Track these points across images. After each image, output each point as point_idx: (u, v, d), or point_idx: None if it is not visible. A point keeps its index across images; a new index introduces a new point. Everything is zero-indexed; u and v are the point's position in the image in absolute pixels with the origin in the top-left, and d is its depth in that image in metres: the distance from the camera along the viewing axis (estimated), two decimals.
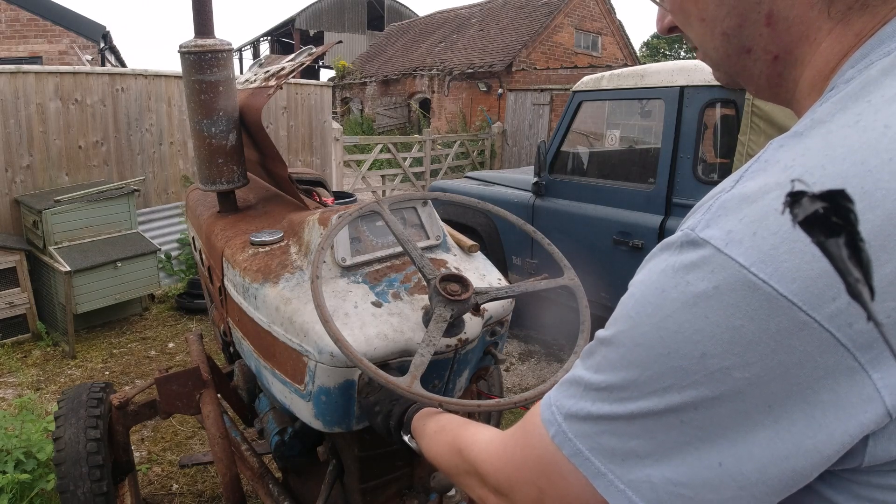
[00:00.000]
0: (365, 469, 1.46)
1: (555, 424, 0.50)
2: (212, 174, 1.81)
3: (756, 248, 0.39)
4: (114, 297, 3.99)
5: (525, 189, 4.03)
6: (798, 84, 0.56)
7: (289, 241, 1.51)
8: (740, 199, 0.42)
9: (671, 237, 0.47)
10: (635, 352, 0.45)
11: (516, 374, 3.75)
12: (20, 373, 3.46)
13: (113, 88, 4.67)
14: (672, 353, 0.42)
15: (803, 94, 0.55)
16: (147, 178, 4.97)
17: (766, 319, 0.38)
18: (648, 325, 0.44)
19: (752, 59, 0.58)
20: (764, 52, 0.56)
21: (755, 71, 0.59)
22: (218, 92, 1.72)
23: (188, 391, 1.77)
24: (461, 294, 1.10)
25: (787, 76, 0.57)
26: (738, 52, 0.58)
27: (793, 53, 0.54)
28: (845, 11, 0.48)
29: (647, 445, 0.44)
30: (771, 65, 0.57)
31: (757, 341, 0.39)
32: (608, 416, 0.46)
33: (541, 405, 0.53)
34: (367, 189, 9.14)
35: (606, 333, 0.49)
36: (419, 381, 0.98)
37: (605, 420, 0.46)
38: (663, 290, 0.44)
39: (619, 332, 0.47)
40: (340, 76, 20.08)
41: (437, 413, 0.95)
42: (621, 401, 0.45)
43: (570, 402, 0.49)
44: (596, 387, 0.47)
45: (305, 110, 6.20)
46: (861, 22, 0.48)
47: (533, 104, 11.81)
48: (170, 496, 2.43)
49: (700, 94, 3.07)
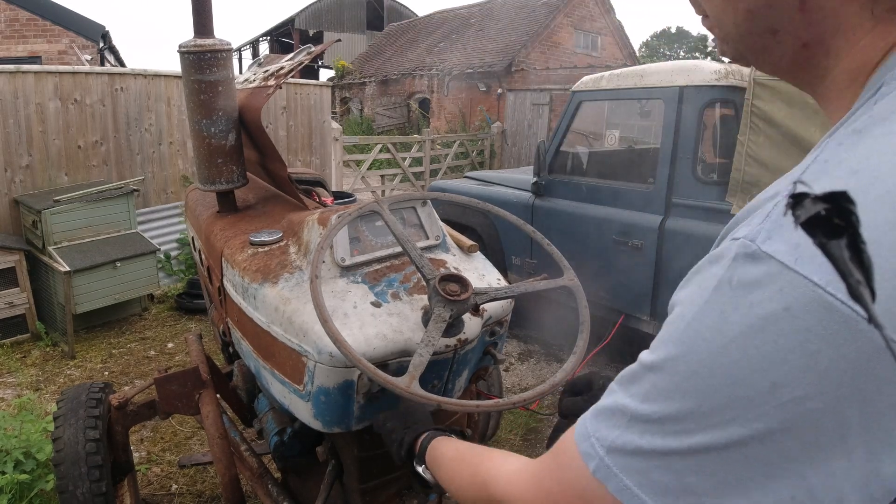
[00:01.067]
0: (364, 469, 1.46)
1: (595, 458, 0.46)
2: (211, 174, 1.81)
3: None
4: (113, 297, 3.99)
5: (524, 189, 4.03)
6: (829, 74, 0.53)
7: (288, 241, 1.51)
8: None
9: (721, 248, 0.43)
10: (692, 380, 0.41)
11: (515, 374, 3.75)
12: (19, 373, 3.46)
13: (112, 88, 4.67)
14: (736, 382, 0.39)
15: (839, 85, 0.52)
16: (146, 178, 4.97)
17: (846, 344, 0.35)
18: (707, 351, 0.40)
19: (777, 41, 0.55)
20: (793, 38, 0.53)
21: (777, 52, 0.56)
22: (217, 92, 1.72)
23: (187, 391, 1.77)
24: (460, 294, 1.10)
25: (815, 64, 0.54)
26: (762, 31, 0.55)
27: (825, 44, 0.51)
28: (890, 11, 0.46)
29: (707, 482, 0.41)
30: (799, 51, 0.54)
31: (835, 368, 0.36)
32: (661, 451, 0.42)
33: (575, 436, 0.50)
34: (367, 189, 9.13)
35: (654, 358, 0.45)
36: (418, 381, 0.98)
37: (658, 455, 0.42)
38: (722, 311, 0.40)
39: (671, 357, 0.43)
40: (340, 76, 20.08)
41: (452, 440, 0.92)
42: (676, 434, 0.41)
43: (612, 433, 0.46)
44: (645, 418, 0.44)
45: (305, 110, 6.20)
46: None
47: (532, 104, 11.81)
48: (169, 496, 2.43)
49: (699, 95, 3.07)
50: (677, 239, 3.10)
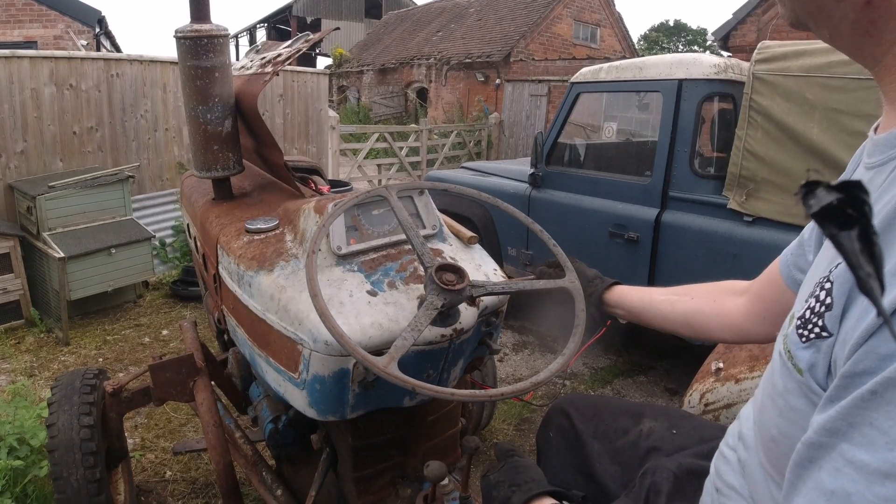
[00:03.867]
0: (358, 458, 1.46)
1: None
2: (207, 161, 1.80)
3: None
4: (108, 284, 3.98)
5: (521, 180, 4.03)
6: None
7: (284, 228, 1.50)
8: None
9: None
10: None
11: (510, 364, 3.77)
12: (13, 359, 3.45)
13: (108, 74, 4.63)
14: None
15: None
16: (142, 165, 4.94)
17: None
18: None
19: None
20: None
21: (836, 14, 0.51)
22: (214, 78, 1.70)
23: (182, 378, 1.77)
24: (455, 284, 1.09)
25: (881, 26, 0.48)
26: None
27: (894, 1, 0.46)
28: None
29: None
30: (861, 9, 0.48)
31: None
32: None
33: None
34: (363, 178, 9.11)
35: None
36: (396, 363, 0.96)
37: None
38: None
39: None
40: (337, 64, 19.96)
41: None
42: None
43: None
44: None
45: (302, 98, 6.17)
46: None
47: (530, 95, 11.78)
48: (163, 483, 2.43)
49: (698, 88, 3.06)
50: (673, 232, 3.11)
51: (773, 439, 0.65)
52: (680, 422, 1.16)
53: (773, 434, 0.65)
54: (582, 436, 1.21)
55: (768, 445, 0.67)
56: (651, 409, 1.22)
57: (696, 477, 0.89)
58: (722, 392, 2.02)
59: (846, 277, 0.54)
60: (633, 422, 1.18)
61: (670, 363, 3.85)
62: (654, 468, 0.98)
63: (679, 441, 1.09)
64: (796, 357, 0.59)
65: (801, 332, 0.59)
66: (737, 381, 1.98)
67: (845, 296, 0.54)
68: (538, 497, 0.87)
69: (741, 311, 1.05)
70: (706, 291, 1.12)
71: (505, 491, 0.90)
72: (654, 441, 1.12)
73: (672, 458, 1.02)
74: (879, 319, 0.45)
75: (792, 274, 0.91)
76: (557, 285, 1.18)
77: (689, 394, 2.23)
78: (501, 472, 0.96)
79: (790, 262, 0.92)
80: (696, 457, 0.97)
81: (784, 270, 0.93)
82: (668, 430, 1.13)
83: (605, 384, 3.54)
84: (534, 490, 0.87)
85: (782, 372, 0.62)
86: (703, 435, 1.07)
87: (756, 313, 1.02)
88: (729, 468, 0.78)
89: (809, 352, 0.57)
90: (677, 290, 1.16)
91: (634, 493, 0.96)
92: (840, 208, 0.27)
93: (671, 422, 1.16)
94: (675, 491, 0.92)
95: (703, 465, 0.87)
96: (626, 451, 1.13)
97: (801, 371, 0.58)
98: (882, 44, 0.49)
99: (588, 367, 3.73)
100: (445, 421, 1.61)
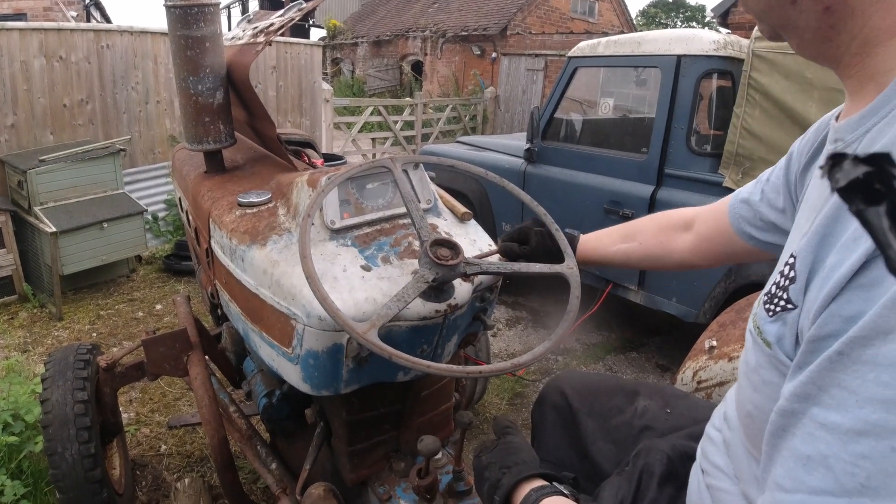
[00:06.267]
0: (352, 432, 1.47)
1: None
2: (198, 133, 1.77)
3: None
4: (100, 259, 3.96)
5: (517, 155, 4.00)
6: (856, 37, 0.53)
7: (277, 202, 1.49)
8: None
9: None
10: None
11: (503, 339, 3.78)
12: (7, 335, 3.44)
13: (98, 45, 4.54)
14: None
15: (874, 41, 0.52)
16: (133, 138, 4.87)
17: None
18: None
19: (798, 10, 0.55)
20: (812, 2, 0.54)
21: (801, 23, 0.56)
22: (204, 48, 1.67)
23: (175, 353, 1.76)
24: (449, 259, 1.08)
25: (840, 28, 0.54)
26: (781, 3, 0.56)
27: (849, 4, 0.52)
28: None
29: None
30: (821, 16, 0.54)
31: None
32: None
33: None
34: (357, 152, 9.04)
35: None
36: (376, 330, 0.95)
37: None
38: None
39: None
40: (331, 36, 19.66)
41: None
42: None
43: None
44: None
45: (295, 70, 6.08)
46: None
47: (527, 69, 11.66)
48: (158, 457, 2.45)
49: (697, 64, 3.03)
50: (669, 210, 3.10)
51: (750, 415, 0.66)
52: (675, 401, 1.16)
53: (749, 410, 0.66)
54: (577, 414, 1.21)
55: (745, 422, 0.68)
56: (646, 388, 1.22)
57: (689, 459, 0.90)
58: (715, 370, 2.04)
59: (808, 251, 0.55)
60: (628, 400, 1.19)
61: (662, 340, 3.87)
62: (648, 449, 0.98)
63: (673, 421, 1.10)
64: (764, 331, 0.61)
65: (767, 306, 0.61)
66: (730, 360, 1.99)
67: (808, 268, 0.55)
68: (529, 479, 0.87)
69: (689, 248, 1.12)
70: (652, 232, 1.20)
71: (496, 472, 0.90)
72: (648, 420, 1.12)
73: (666, 438, 1.02)
74: (841, 282, 0.47)
75: (742, 227, 0.97)
76: (554, 271, 1.17)
77: (681, 371, 2.24)
78: (493, 452, 0.96)
79: (740, 215, 0.97)
80: (690, 438, 0.98)
81: (734, 222, 0.98)
82: (663, 410, 1.14)
83: (598, 360, 3.56)
84: (524, 472, 0.87)
85: (754, 348, 0.64)
86: (696, 416, 1.08)
87: (703, 251, 1.09)
88: (714, 448, 0.79)
89: (776, 325, 0.59)
90: (625, 232, 1.25)
91: (627, 472, 0.97)
92: (868, 182, 0.26)
93: (666, 401, 1.16)
94: (669, 473, 0.92)
95: (695, 447, 0.88)
96: (621, 429, 1.14)
97: (769, 344, 0.60)
98: (840, 45, 0.55)
99: (581, 342, 3.75)
100: (439, 396, 1.62)
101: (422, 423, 1.58)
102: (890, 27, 0.50)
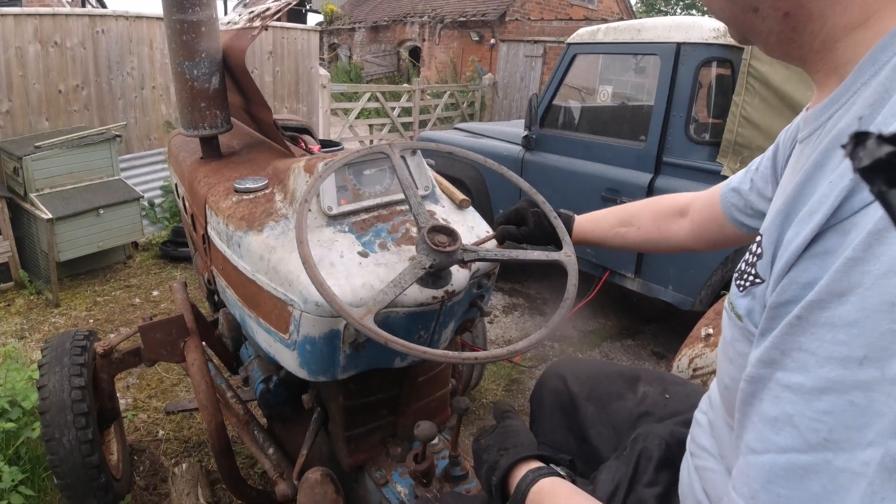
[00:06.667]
0: (349, 417, 1.47)
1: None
2: (194, 119, 1.75)
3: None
4: (97, 245, 3.94)
5: (514, 142, 3.99)
6: (817, 36, 0.57)
7: (273, 188, 1.48)
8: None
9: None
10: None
11: (500, 326, 3.79)
12: (3, 322, 3.44)
13: (93, 31, 4.50)
14: None
15: (833, 38, 0.55)
16: (129, 124, 4.85)
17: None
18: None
19: (760, 17, 0.59)
20: (773, 10, 0.57)
21: (764, 29, 0.60)
22: (200, 32, 1.65)
23: (172, 339, 1.76)
24: (446, 246, 1.08)
25: (801, 31, 0.57)
26: (744, 10, 0.60)
27: (806, 7, 0.55)
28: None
29: None
30: (782, 21, 0.58)
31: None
32: None
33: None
34: (355, 138, 9.00)
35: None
36: (372, 316, 0.95)
37: None
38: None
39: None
40: (328, 21, 19.49)
41: (563, 487, 0.81)
42: None
43: None
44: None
45: (292, 56, 6.03)
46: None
47: (525, 56, 11.59)
48: (156, 442, 2.46)
49: (696, 52, 3.01)
50: None
51: (727, 388, 0.69)
52: (674, 388, 1.17)
53: (727, 382, 0.69)
54: (576, 398, 1.21)
55: (724, 395, 0.71)
56: (646, 374, 1.23)
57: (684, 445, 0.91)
58: (710, 357, 2.05)
59: (773, 228, 0.58)
60: (628, 386, 1.19)
61: (658, 327, 3.89)
62: (646, 434, 0.99)
63: (672, 407, 1.10)
64: (736, 306, 0.64)
65: (738, 282, 0.65)
66: None
67: (773, 245, 0.58)
68: (526, 460, 0.88)
69: (686, 234, 1.16)
70: (649, 218, 1.23)
71: (494, 454, 0.92)
72: (647, 406, 1.13)
73: (664, 424, 1.03)
74: (798, 252, 0.50)
75: (733, 214, 1.01)
76: (552, 258, 1.17)
77: (677, 359, 2.25)
78: (492, 436, 0.97)
79: (731, 203, 1.01)
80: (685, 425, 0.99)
81: (727, 210, 1.02)
82: (662, 395, 1.15)
83: (594, 347, 3.58)
84: (521, 454, 0.89)
85: (728, 323, 0.67)
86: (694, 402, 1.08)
87: (700, 238, 1.14)
88: (700, 430, 0.81)
89: (747, 299, 0.62)
90: (622, 216, 1.27)
91: (625, 456, 0.97)
92: (892, 163, 0.25)
93: (665, 387, 1.17)
94: (666, 458, 0.93)
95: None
96: (620, 414, 1.14)
97: (740, 318, 0.63)
98: (803, 46, 0.59)
99: (577, 329, 3.77)
100: (436, 382, 1.62)
101: (418, 409, 1.59)
102: (847, 24, 0.54)
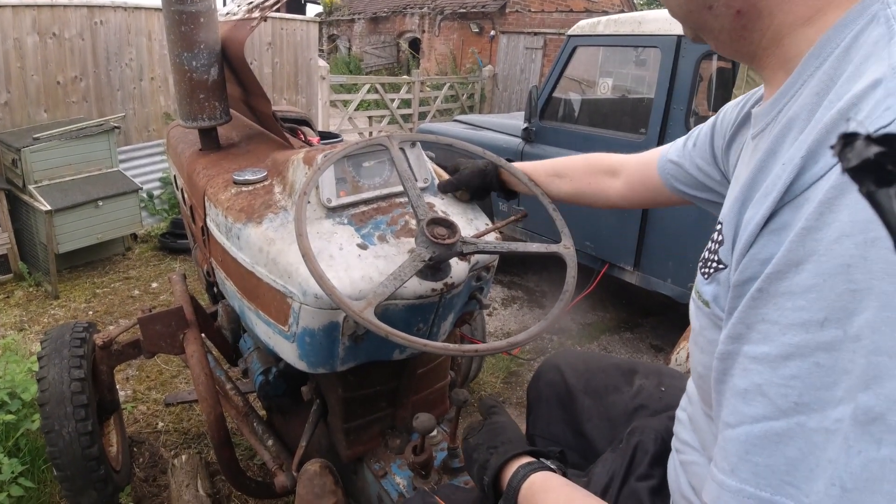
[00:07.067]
0: (348, 409, 1.48)
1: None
2: (193, 110, 1.75)
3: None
4: (96, 237, 3.94)
5: (514, 135, 3.98)
6: (766, 34, 0.59)
7: (273, 180, 1.48)
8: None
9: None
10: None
11: (499, 318, 3.80)
12: (3, 314, 3.44)
13: (91, 22, 4.48)
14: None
15: (781, 34, 0.58)
16: (127, 115, 4.83)
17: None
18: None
19: (714, 14, 0.61)
20: (726, 7, 0.60)
21: (716, 26, 0.62)
22: (199, 23, 1.64)
23: (172, 331, 1.76)
24: (446, 238, 1.08)
25: (751, 28, 0.60)
26: (699, 8, 0.62)
27: (756, 6, 0.58)
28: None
29: None
30: (734, 19, 0.60)
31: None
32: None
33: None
34: (354, 130, 8.98)
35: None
36: (372, 309, 0.95)
37: None
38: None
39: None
40: (328, 12, 19.39)
41: (555, 480, 0.80)
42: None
43: None
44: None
45: (291, 47, 6.01)
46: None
47: (525, 48, 11.55)
48: (155, 433, 2.46)
49: (697, 45, 2.99)
50: None
51: (701, 376, 0.69)
52: (670, 381, 1.17)
53: (701, 371, 0.69)
54: (573, 391, 1.22)
55: (699, 384, 0.72)
56: (644, 367, 1.23)
57: None
58: None
59: (732, 215, 0.60)
60: (625, 379, 1.20)
61: (656, 320, 3.89)
62: (643, 427, 0.99)
63: (667, 400, 1.11)
64: (703, 293, 0.66)
65: (703, 271, 0.67)
66: None
67: (733, 230, 0.59)
68: (516, 457, 0.88)
69: (618, 194, 1.22)
70: (581, 171, 1.31)
71: (483, 453, 0.92)
72: (642, 399, 1.13)
73: (659, 417, 1.04)
74: (755, 231, 0.52)
75: (673, 184, 1.05)
76: (551, 250, 1.17)
77: (675, 352, 2.26)
78: (480, 434, 0.97)
79: (670, 174, 1.05)
80: None
81: (665, 180, 1.06)
82: (658, 388, 1.15)
83: (592, 340, 3.58)
84: (510, 452, 0.89)
85: (696, 312, 0.69)
86: None
87: (631, 198, 1.20)
88: (682, 426, 0.81)
89: (712, 286, 0.64)
90: (556, 168, 1.35)
91: (621, 449, 0.98)
92: (880, 164, 0.25)
93: (661, 380, 1.17)
94: (661, 452, 0.94)
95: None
96: (617, 407, 1.15)
97: (707, 303, 0.64)
98: (753, 42, 0.61)
99: (576, 322, 3.77)
100: (434, 374, 1.63)
101: (417, 401, 1.60)
102: (794, 21, 0.56)
